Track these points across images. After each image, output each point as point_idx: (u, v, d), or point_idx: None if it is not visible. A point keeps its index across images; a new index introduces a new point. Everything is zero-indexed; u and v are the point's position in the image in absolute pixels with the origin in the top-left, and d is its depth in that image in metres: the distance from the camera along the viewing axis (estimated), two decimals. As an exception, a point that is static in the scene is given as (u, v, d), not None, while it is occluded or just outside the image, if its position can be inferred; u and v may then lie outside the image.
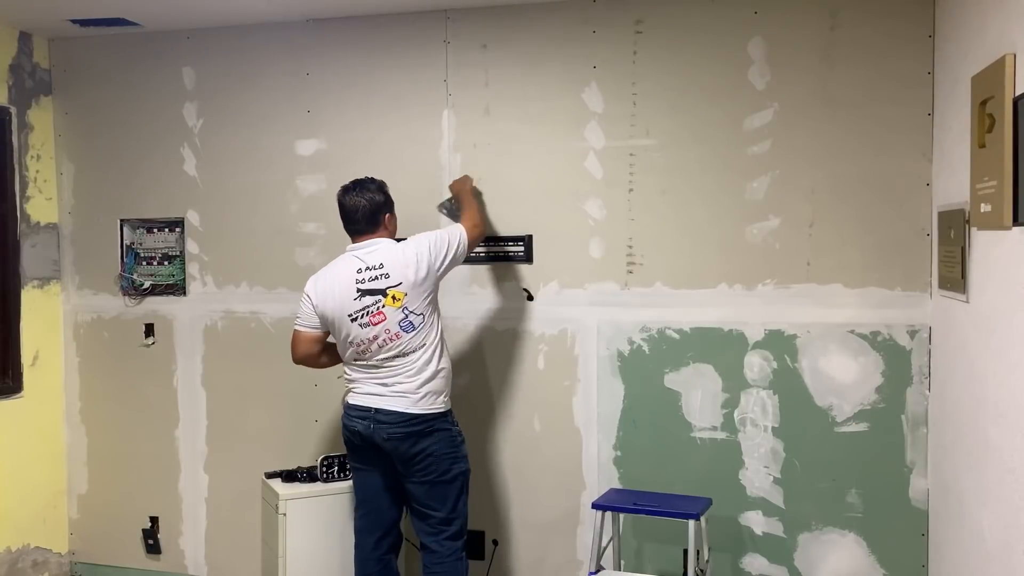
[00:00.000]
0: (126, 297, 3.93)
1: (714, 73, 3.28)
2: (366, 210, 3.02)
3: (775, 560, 3.29)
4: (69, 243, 4.00)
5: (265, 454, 3.75)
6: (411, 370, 2.95)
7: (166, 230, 3.89)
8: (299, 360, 3.16)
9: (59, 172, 3.99)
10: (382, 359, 2.95)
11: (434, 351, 2.99)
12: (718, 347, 3.32)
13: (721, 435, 3.33)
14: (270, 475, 3.41)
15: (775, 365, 3.27)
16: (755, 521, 3.30)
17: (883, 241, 3.15)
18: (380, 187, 3.09)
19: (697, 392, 3.35)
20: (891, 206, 3.14)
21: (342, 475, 3.33)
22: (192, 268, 3.85)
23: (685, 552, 3.04)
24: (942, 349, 2.96)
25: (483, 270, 3.54)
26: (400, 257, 2.97)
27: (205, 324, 3.85)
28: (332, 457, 3.34)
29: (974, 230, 2.52)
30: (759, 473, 3.30)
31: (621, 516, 3.38)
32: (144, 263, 3.91)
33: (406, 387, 2.94)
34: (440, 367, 3.01)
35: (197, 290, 3.85)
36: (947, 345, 2.89)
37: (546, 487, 3.51)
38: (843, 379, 3.20)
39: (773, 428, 3.28)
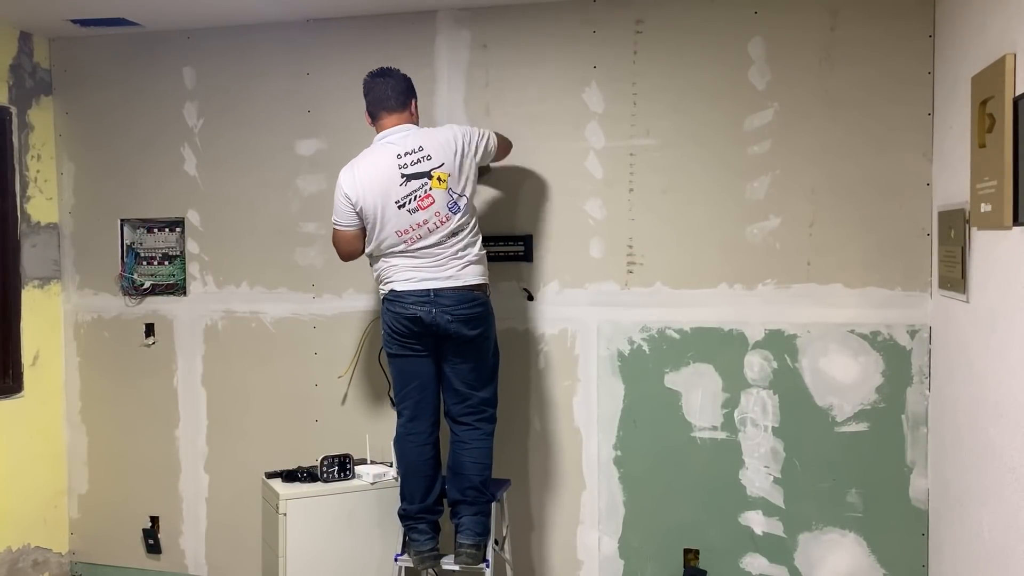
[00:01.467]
0: (126, 297, 3.93)
1: (714, 73, 3.28)
2: (398, 88, 3.03)
3: (775, 560, 3.29)
4: (70, 243, 4.00)
5: (265, 454, 3.75)
6: (460, 250, 2.95)
7: (166, 230, 3.89)
8: (347, 257, 3.13)
9: (60, 172, 3.99)
10: (432, 243, 2.92)
11: (475, 233, 3.02)
12: (718, 347, 3.32)
13: (721, 435, 3.33)
14: (270, 475, 3.41)
15: (775, 365, 3.27)
16: (755, 521, 3.30)
17: (883, 241, 3.15)
18: (405, 75, 3.11)
19: (697, 392, 3.35)
20: (891, 206, 3.14)
21: (342, 475, 3.33)
22: (192, 268, 3.85)
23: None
24: (942, 349, 2.96)
25: (483, 270, 3.53)
26: (438, 138, 2.97)
27: (205, 324, 3.85)
28: (333, 457, 3.34)
29: (974, 230, 2.52)
30: (759, 473, 3.30)
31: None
32: (144, 263, 3.91)
33: (458, 266, 2.94)
34: (481, 248, 3.04)
35: (197, 290, 3.85)
36: (947, 345, 2.89)
37: (546, 487, 3.51)
38: (843, 379, 3.20)
39: (773, 428, 3.28)
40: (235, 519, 3.83)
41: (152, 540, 3.91)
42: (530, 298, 3.50)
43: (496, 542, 3.53)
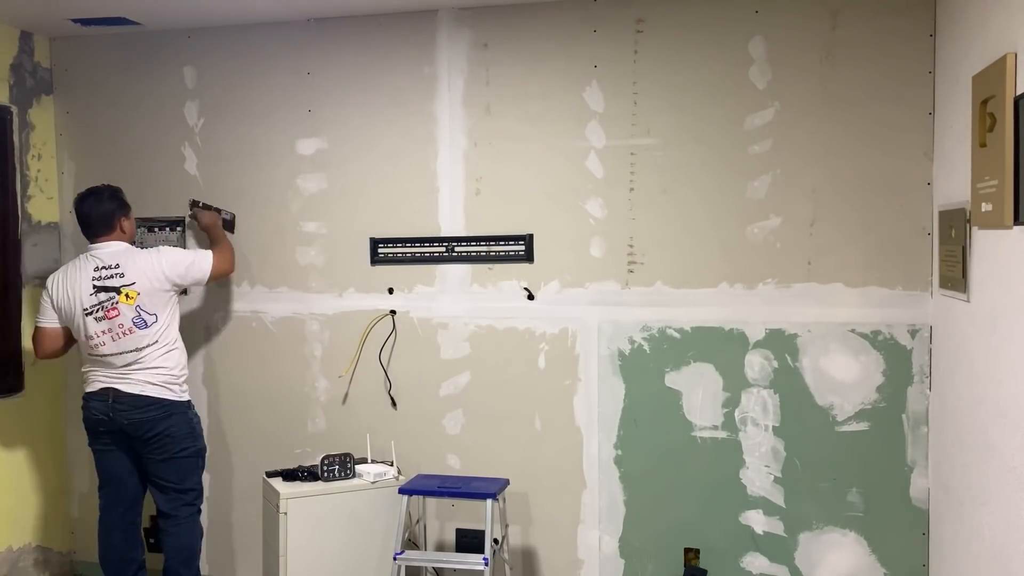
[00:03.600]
0: (127, 296, 3.93)
1: (715, 72, 3.28)
2: (99, 216, 3.33)
3: (776, 559, 3.28)
4: (70, 242, 4.00)
5: (266, 453, 3.75)
6: (145, 363, 3.26)
7: (167, 229, 3.89)
8: (44, 356, 3.43)
9: (60, 171, 3.99)
10: (117, 352, 3.24)
11: (168, 351, 3.31)
12: (719, 346, 3.32)
13: (722, 434, 3.33)
14: (271, 474, 3.42)
15: (776, 364, 3.27)
16: (756, 520, 3.30)
17: (884, 240, 3.15)
18: (114, 194, 3.39)
19: (698, 391, 3.35)
20: (892, 205, 3.13)
21: (343, 474, 3.34)
22: (193, 267, 3.85)
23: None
24: (943, 348, 2.96)
25: (483, 269, 3.54)
26: (138, 260, 3.29)
27: (206, 323, 3.85)
28: (333, 456, 3.34)
29: (975, 229, 2.52)
30: (760, 472, 3.30)
31: (427, 500, 3.53)
32: (145, 262, 3.91)
33: (141, 377, 3.26)
34: (175, 366, 3.33)
35: (197, 289, 3.85)
36: (948, 344, 2.89)
37: (547, 486, 3.51)
38: (844, 378, 3.20)
39: (774, 427, 3.28)
40: (236, 518, 3.83)
41: (153, 539, 3.91)
42: (530, 297, 3.50)
43: (496, 541, 3.54)
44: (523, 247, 3.49)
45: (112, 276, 3.26)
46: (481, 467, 3.55)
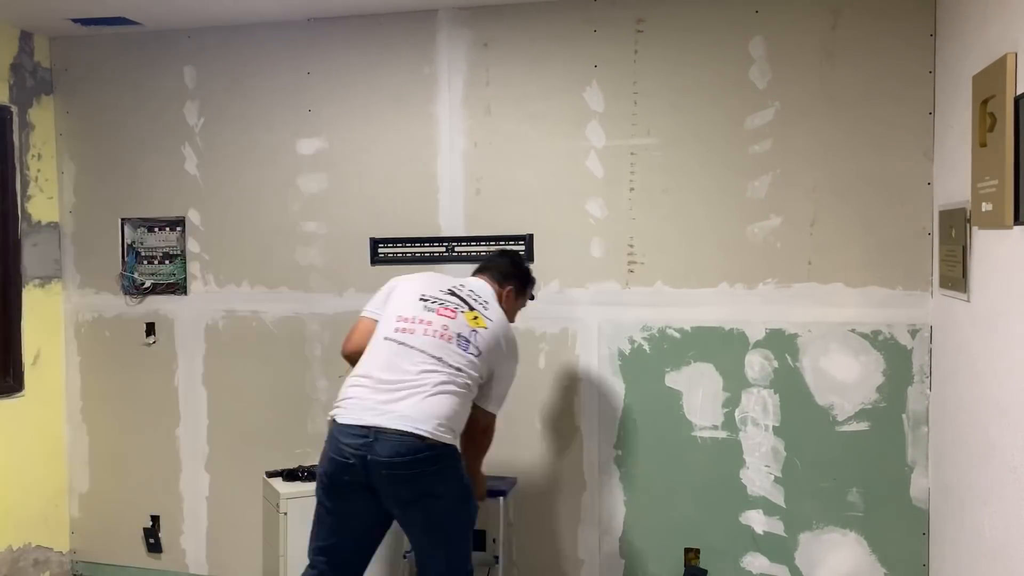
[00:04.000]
0: (127, 296, 3.93)
1: (715, 72, 3.28)
2: (504, 270, 2.95)
3: (776, 559, 3.28)
4: (70, 242, 4.00)
5: (266, 453, 3.75)
6: (442, 384, 2.58)
7: (167, 229, 3.89)
8: (352, 352, 2.79)
9: (60, 171, 3.99)
10: (419, 348, 2.61)
11: (461, 401, 2.63)
12: (719, 346, 3.32)
13: (722, 434, 3.33)
14: (271, 474, 3.42)
15: (776, 364, 3.27)
16: (756, 520, 3.30)
17: (884, 240, 3.15)
18: (527, 274, 3.05)
19: (698, 391, 3.35)
20: (892, 205, 3.14)
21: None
22: (193, 267, 3.86)
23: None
24: (943, 348, 2.96)
25: (484, 269, 3.54)
26: (501, 323, 2.78)
27: (206, 323, 3.85)
28: (333, 456, 3.33)
29: (975, 229, 2.52)
30: (760, 472, 3.30)
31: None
32: (145, 262, 3.92)
33: (426, 405, 2.53)
34: (459, 414, 2.63)
35: (198, 289, 3.85)
36: (948, 344, 2.89)
37: (547, 487, 3.51)
38: (844, 378, 3.20)
39: (774, 427, 3.28)
40: (236, 518, 3.83)
41: (153, 539, 3.91)
42: (531, 297, 3.49)
43: (494, 540, 3.53)
44: (523, 247, 3.49)
45: (475, 300, 2.77)
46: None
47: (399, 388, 2.55)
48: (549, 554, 3.53)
